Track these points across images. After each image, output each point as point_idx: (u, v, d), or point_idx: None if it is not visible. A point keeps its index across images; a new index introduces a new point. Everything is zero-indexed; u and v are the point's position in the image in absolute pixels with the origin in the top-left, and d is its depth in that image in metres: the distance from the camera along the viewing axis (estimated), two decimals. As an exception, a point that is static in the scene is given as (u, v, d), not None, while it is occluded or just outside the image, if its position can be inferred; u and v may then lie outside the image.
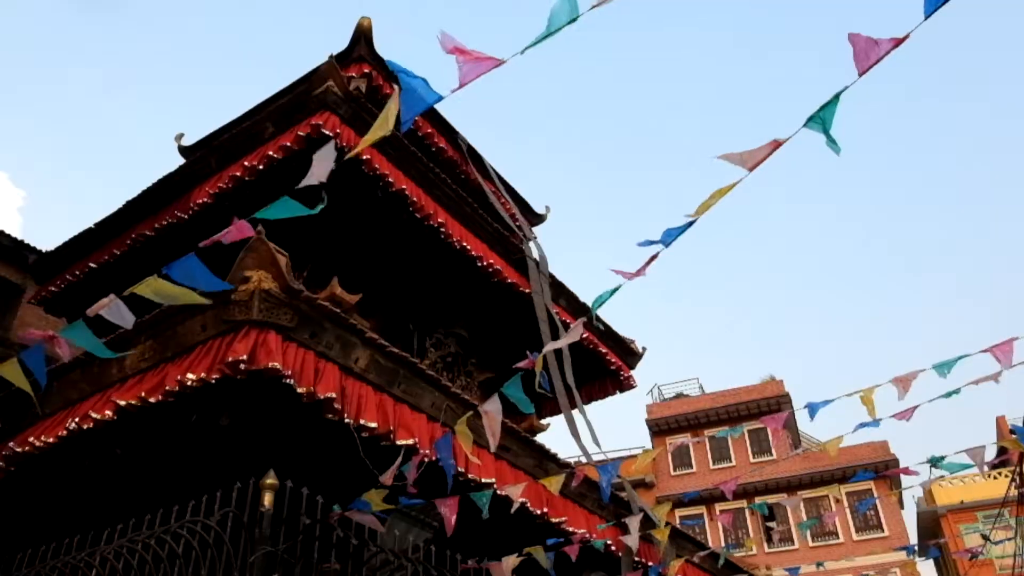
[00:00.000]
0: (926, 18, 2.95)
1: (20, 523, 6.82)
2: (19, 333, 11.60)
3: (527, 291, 8.98)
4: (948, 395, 4.77)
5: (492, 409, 4.10)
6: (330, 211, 7.52)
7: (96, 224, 8.93)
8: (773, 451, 35.39)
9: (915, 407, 5.08)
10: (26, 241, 12.03)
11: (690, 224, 3.42)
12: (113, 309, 3.10)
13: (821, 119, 3.09)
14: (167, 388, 5.19)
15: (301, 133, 6.98)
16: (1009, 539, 10.19)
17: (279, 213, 3.11)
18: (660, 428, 36.36)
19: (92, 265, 8.85)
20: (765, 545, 32.53)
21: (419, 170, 7.85)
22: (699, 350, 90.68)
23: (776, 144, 3.32)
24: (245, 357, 4.79)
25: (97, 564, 4.99)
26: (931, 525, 30.40)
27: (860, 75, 3.19)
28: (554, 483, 5.50)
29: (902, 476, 6.62)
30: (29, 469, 6.28)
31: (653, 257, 3.41)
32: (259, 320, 5.02)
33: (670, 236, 3.48)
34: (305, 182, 3.06)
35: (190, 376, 4.96)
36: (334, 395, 5.11)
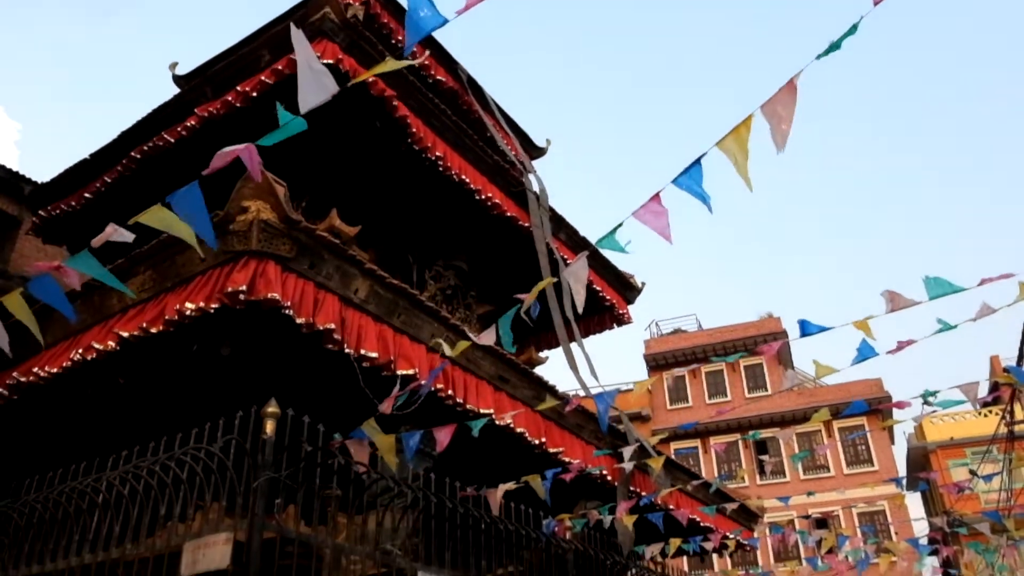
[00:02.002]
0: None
1: (28, 450, 6.94)
2: (23, 265, 11.60)
3: (527, 225, 8.94)
4: (944, 329, 4.77)
5: (489, 339, 4.12)
6: (327, 141, 7.46)
7: (91, 155, 8.84)
8: (768, 386, 35.81)
9: (911, 341, 5.11)
10: (22, 173, 11.92)
11: (702, 156, 3.35)
12: (115, 235, 3.08)
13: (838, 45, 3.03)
14: (167, 318, 5.21)
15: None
16: (996, 474, 10.38)
17: (281, 136, 3.04)
18: (657, 363, 36.75)
19: (88, 195, 8.79)
20: (757, 477, 33.22)
21: (419, 101, 7.72)
22: (698, 288, 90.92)
23: (792, 82, 3.24)
24: (244, 287, 4.79)
25: (104, 489, 5.08)
26: (920, 461, 30.98)
27: (875, 4, 3.11)
28: (549, 407, 5.57)
29: (895, 410, 6.70)
30: (34, 397, 6.34)
31: (657, 193, 3.36)
32: (258, 250, 5.00)
33: (692, 179, 3.38)
34: (302, 104, 2.99)
35: (189, 305, 4.96)
36: (333, 325, 5.13)
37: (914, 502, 39.15)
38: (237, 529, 4.19)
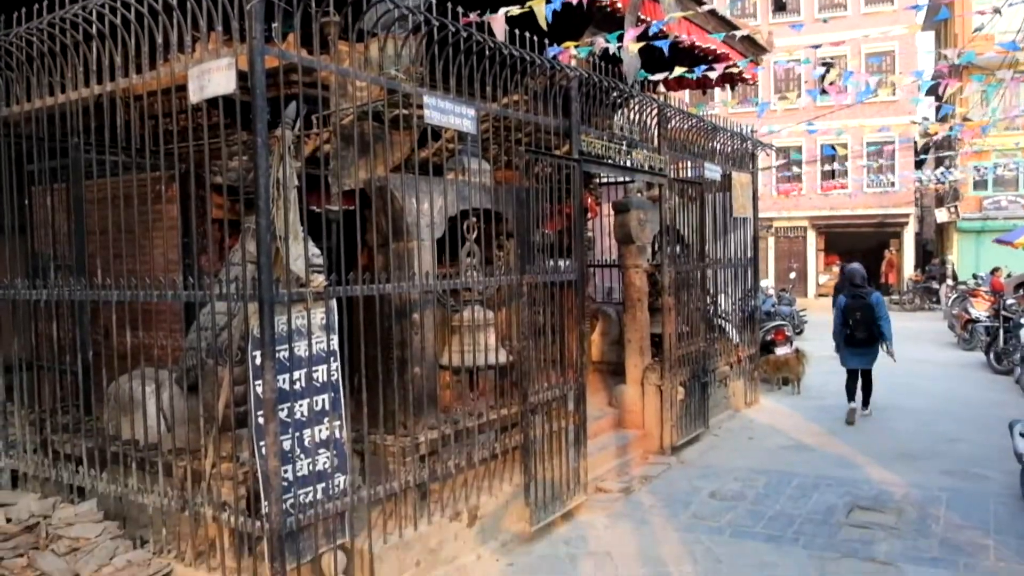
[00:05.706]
0: None
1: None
2: None
3: None
4: None
5: None
6: None
7: None
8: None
9: None
10: None
11: None
12: None
13: None
14: None
15: None
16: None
17: None
18: None
19: None
20: (771, 14, 32.36)
21: None
22: None
23: None
24: None
25: (95, 19, 4.92)
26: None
27: None
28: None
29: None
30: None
31: None
32: None
33: None
34: None
35: None
36: None
37: (927, 44, 38.48)
38: (238, 55, 4.14)
